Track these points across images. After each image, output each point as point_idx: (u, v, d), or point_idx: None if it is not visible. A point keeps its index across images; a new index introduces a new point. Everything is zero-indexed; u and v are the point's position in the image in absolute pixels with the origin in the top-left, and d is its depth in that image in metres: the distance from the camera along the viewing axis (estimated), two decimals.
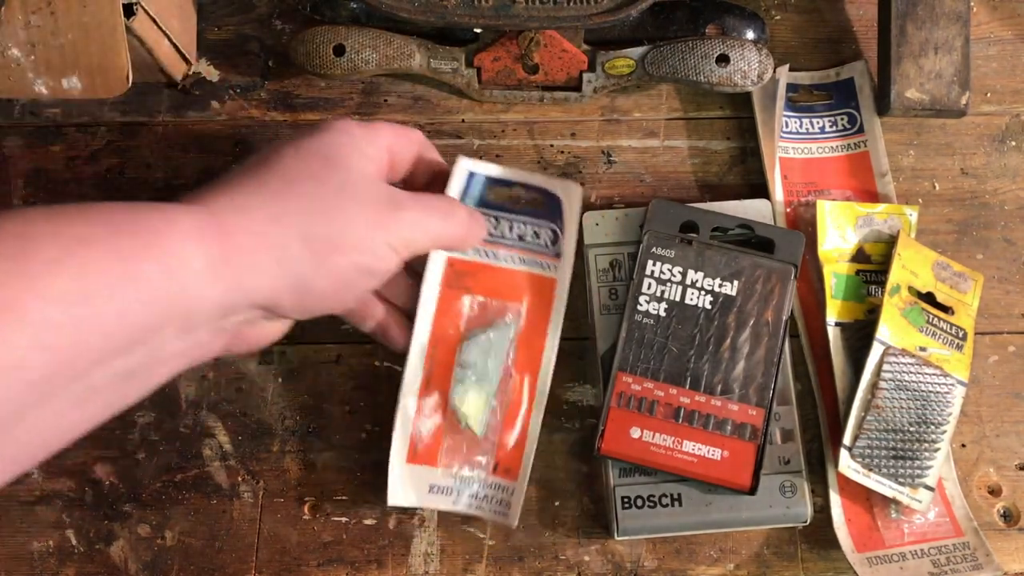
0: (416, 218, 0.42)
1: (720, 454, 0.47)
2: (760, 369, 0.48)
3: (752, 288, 0.49)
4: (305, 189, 0.39)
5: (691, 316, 0.48)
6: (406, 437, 0.47)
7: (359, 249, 0.40)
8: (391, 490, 0.46)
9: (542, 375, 0.48)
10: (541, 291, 0.48)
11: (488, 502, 0.46)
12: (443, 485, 0.46)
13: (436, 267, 0.48)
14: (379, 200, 0.41)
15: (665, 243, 0.50)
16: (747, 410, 0.47)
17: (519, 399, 0.47)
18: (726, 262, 0.49)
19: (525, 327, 0.48)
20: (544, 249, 0.49)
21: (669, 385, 0.47)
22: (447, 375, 0.47)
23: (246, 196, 0.39)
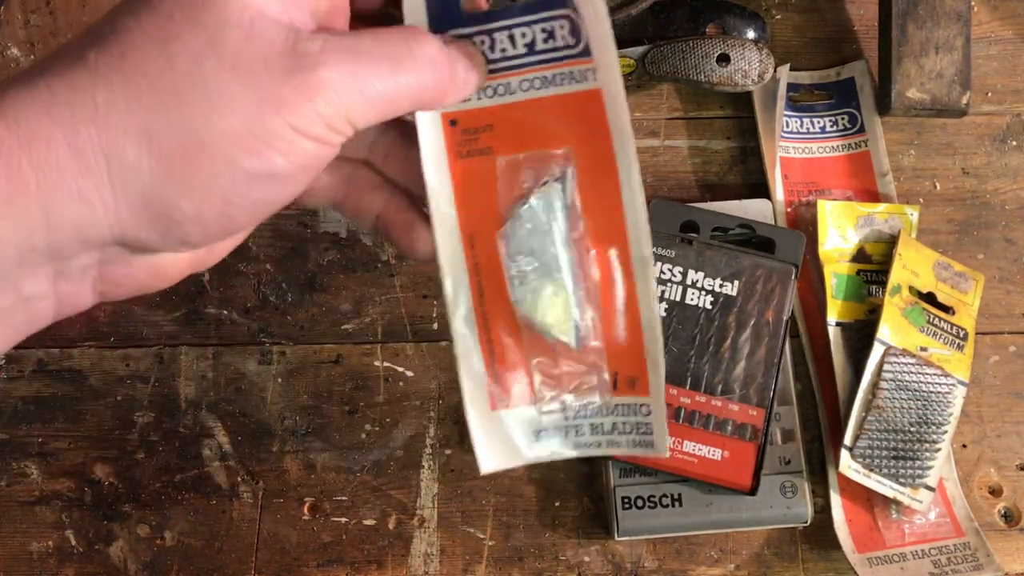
0: (342, 76, 0.27)
1: (720, 454, 0.47)
2: (761, 369, 0.48)
3: (753, 288, 0.49)
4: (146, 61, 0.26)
5: (691, 316, 0.48)
6: (477, 378, 0.33)
7: (242, 143, 0.26)
8: (480, 454, 0.34)
9: (632, 232, 0.32)
10: (586, 115, 0.32)
11: (620, 431, 0.34)
12: (551, 425, 0.34)
13: (429, 134, 0.32)
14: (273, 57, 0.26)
15: (665, 243, 0.49)
16: (747, 410, 0.47)
17: (610, 277, 0.33)
18: (726, 262, 0.49)
19: (583, 175, 0.33)
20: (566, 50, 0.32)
21: (670, 385, 0.47)
22: (502, 278, 0.33)
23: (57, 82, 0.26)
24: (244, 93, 0.26)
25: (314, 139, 0.27)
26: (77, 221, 0.26)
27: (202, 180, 0.26)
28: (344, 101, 0.27)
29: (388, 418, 0.51)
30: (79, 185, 0.26)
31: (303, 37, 0.27)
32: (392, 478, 0.50)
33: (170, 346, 0.52)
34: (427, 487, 0.50)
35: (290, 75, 0.26)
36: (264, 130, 0.26)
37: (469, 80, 0.31)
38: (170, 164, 0.26)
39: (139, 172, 0.26)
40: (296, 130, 0.27)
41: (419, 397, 0.51)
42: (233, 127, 0.26)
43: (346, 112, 0.27)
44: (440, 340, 0.52)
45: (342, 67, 0.27)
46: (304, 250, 0.53)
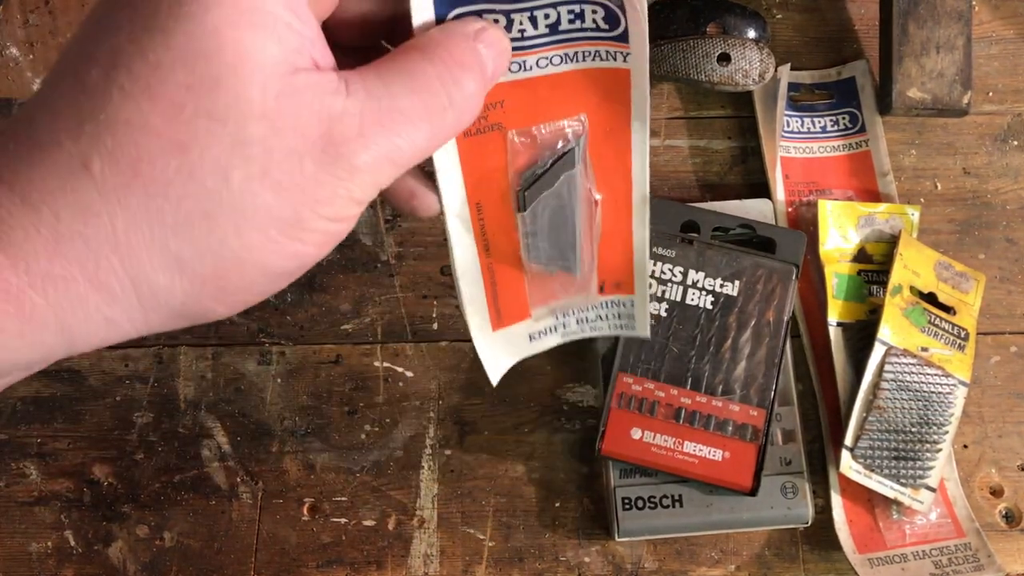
0: (380, 155, 0.25)
1: (721, 455, 0.46)
2: (761, 370, 0.47)
3: (753, 288, 0.49)
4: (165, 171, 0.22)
5: (692, 316, 0.48)
6: (481, 307, 0.35)
7: (277, 249, 0.24)
8: (489, 367, 0.37)
9: (636, 181, 0.34)
10: (608, 88, 0.32)
11: (603, 319, 0.37)
12: (543, 327, 0.37)
13: None
14: (307, 153, 0.23)
15: (666, 243, 0.49)
16: (748, 411, 0.47)
17: (612, 216, 0.35)
18: (727, 262, 0.49)
19: (594, 134, 0.33)
20: (598, 32, 0.31)
21: (670, 386, 0.47)
22: (509, 240, 0.35)
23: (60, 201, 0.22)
24: (278, 201, 0.23)
25: (344, 221, 0.25)
26: (102, 340, 0.24)
27: (238, 289, 0.25)
28: (379, 176, 0.25)
29: (388, 418, 0.51)
30: (104, 315, 0.23)
31: (336, 113, 0.24)
32: (392, 479, 0.50)
33: (169, 346, 0.52)
34: (427, 487, 0.50)
35: (328, 171, 0.24)
36: (300, 228, 0.24)
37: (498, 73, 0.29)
38: (204, 284, 0.24)
39: (172, 295, 0.24)
40: (330, 219, 0.25)
41: (419, 397, 0.51)
42: (272, 241, 0.24)
43: (377, 183, 0.25)
44: (440, 340, 0.52)
45: (380, 144, 0.24)
46: None
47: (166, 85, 0.22)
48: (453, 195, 0.33)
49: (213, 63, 0.22)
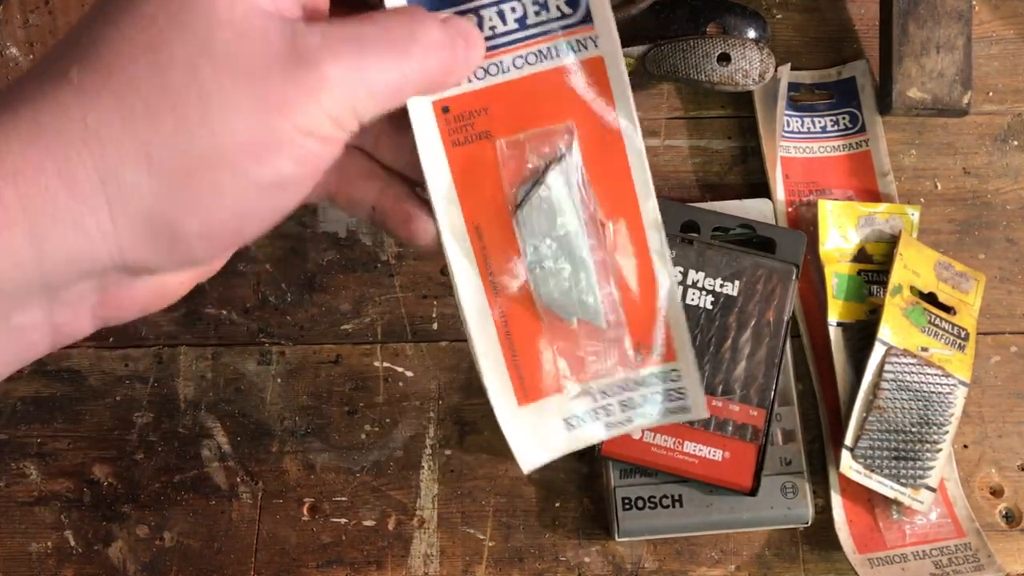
0: (347, 70, 0.25)
1: (721, 455, 0.46)
2: (761, 370, 0.47)
3: (753, 288, 0.49)
4: (136, 73, 0.24)
5: (692, 316, 0.48)
6: (500, 375, 0.32)
7: (248, 151, 0.24)
8: (519, 453, 0.33)
9: (641, 198, 0.32)
10: (587, 84, 0.31)
11: (651, 401, 0.33)
12: (583, 411, 0.33)
13: (422, 124, 0.31)
14: (272, 56, 0.24)
15: None
16: (748, 411, 0.47)
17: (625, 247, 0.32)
18: (727, 262, 0.49)
19: (587, 146, 0.32)
20: (562, 20, 0.31)
21: None
22: (515, 266, 0.32)
23: (45, 103, 0.24)
24: (246, 98, 0.24)
25: (321, 138, 0.25)
26: (72, 250, 0.24)
27: (209, 195, 0.24)
28: (350, 95, 0.25)
29: (388, 418, 0.51)
30: (73, 213, 0.23)
31: (301, 30, 0.25)
32: (392, 479, 0.50)
33: (169, 346, 0.52)
34: (427, 488, 0.50)
35: (292, 73, 0.24)
36: (271, 135, 0.24)
37: (470, 59, 0.29)
38: (173, 182, 0.24)
39: (140, 194, 0.24)
40: (303, 131, 0.25)
41: (419, 397, 0.51)
42: (237, 135, 0.24)
43: (352, 106, 0.25)
44: (440, 340, 0.52)
45: (346, 60, 0.25)
46: (303, 250, 0.53)
47: (141, 5, 0.24)
48: (449, 214, 0.31)
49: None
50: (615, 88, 0.31)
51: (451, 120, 0.31)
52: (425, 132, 0.31)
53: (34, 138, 0.23)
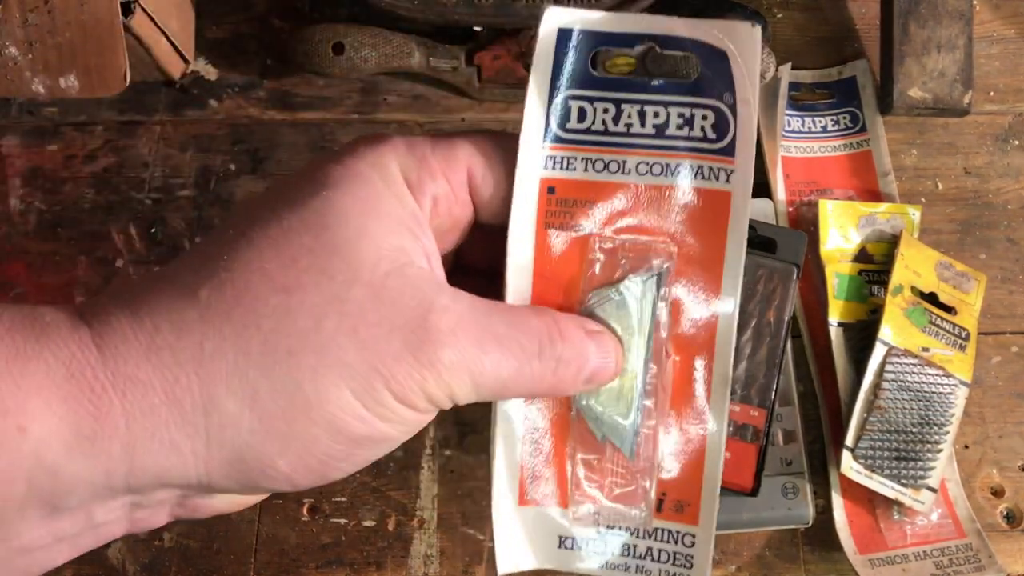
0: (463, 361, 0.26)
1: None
2: (762, 370, 0.47)
3: (754, 288, 0.48)
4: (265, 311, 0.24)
5: None
6: (513, 466, 0.31)
7: (345, 411, 0.25)
8: (501, 552, 0.31)
9: (720, 352, 0.30)
10: (705, 215, 0.29)
11: (655, 558, 0.31)
12: (580, 535, 0.31)
13: (522, 197, 0.29)
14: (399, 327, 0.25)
15: None
16: (749, 411, 0.47)
17: (685, 393, 0.30)
18: None
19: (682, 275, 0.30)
20: (703, 144, 0.29)
21: None
22: None
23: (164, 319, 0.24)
24: (359, 360, 0.24)
25: (414, 409, 0.26)
26: (162, 468, 0.24)
27: (303, 442, 0.25)
28: (452, 383, 0.26)
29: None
30: (171, 434, 0.24)
31: (436, 305, 0.25)
32: (392, 479, 0.50)
33: None
34: (427, 488, 0.50)
35: (410, 350, 0.25)
36: (371, 400, 0.25)
37: (593, 383, 0.29)
38: (272, 424, 0.24)
39: (238, 428, 0.24)
40: (405, 404, 0.25)
41: None
42: (342, 394, 0.24)
43: (451, 392, 0.26)
44: None
45: (467, 351, 0.26)
46: None
47: (289, 242, 0.24)
48: (518, 288, 0.30)
49: (336, 234, 0.24)
50: (732, 229, 0.29)
51: (553, 202, 0.30)
52: (523, 204, 0.29)
53: (148, 353, 0.24)
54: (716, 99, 0.29)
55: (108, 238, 0.53)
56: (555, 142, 0.30)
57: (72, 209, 0.54)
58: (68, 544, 0.26)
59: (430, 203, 0.27)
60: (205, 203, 0.54)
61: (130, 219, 0.54)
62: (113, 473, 0.24)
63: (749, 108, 0.29)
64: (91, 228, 0.53)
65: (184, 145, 0.55)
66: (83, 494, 0.24)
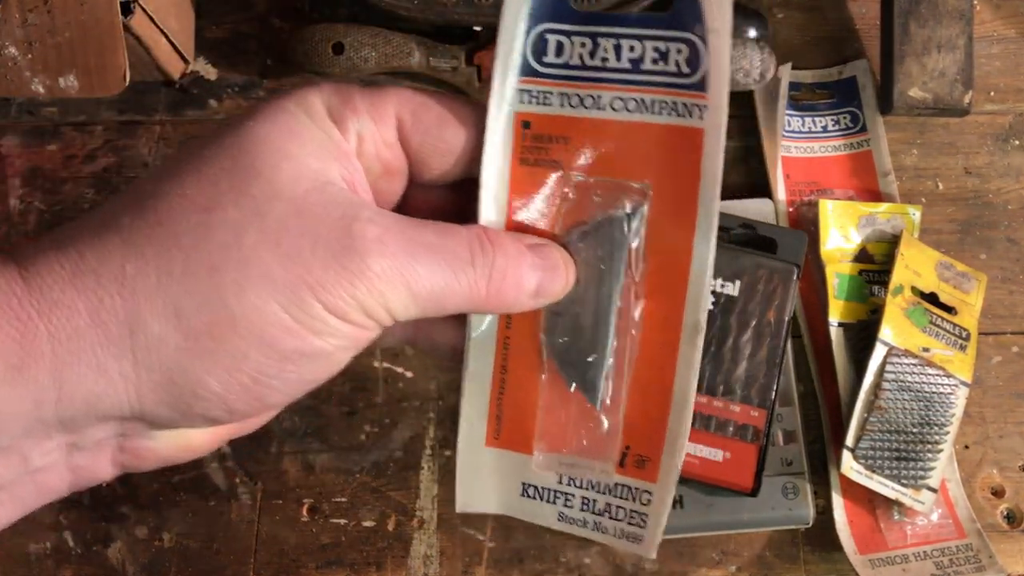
0: (391, 268, 0.25)
1: (722, 455, 0.46)
2: (762, 370, 0.47)
3: (754, 288, 0.48)
4: (185, 229, 0.24)
5: None
6: (482, 407, 0.30)
7: (276, 323, 0.24)
8: (462, 490, 0.31)
9: (691, 298, 0.29)
10: (678, 154, 0.29)
11: (612, 515, 0.30)
12: (542, 483, 0.31)
13: (496, 131, 0.29)
14: (322, 237, 0.25)
15: None
16: (749, 411, 0.47)
17: (654, 340, 0.30)
18: (728, 262, 0.49)
19: (655, 218, 0.29)
20: (677, 79, 0.29)
21: None
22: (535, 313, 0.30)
23: (88, 247, 0.24)
24: (283, 272, 0.24)
25: (349, 322, 0.25)
26: (92, 393, 0.24)
27: (231, 359, 0.25)
28: (387, 292, 0.25)
29: (387, 419, 0.51)
30: (97, 357, 0.24)
31: (362, 217, 0.25)
32: (391, 479, 0.50)
33: None
34: (426, 488, 0.50)
35: (335, 258, 0.25)
36: (300, 311, 0.25)
37: (541, 296, 0.29)
38: (198, 341, 0.24)
39: (165, 347, 0.24)
40: (337, 315, 0.25)
41: (418, 398, 0.51)
42: (268, 308, 0.24)
43: (386, 303, 0.26)
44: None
45: (395, 258, 0.25)
46: None
47: (210, 167, 0.25)
48: (491, 221, 0.29)
49: (256, 158, 0.25)
50: (705, 168, 0.29)
51: (528, 137, 0.29)
52: (497, 139, 0.29)
53: (73, 278, 0.24)
54: (689, 31, 0.28)
55: None
56: (531, 75, 0.29)
57: (72, 209, 0.54)
58: (7, 496, 0.26)
59: (355, 138, 0.27)
60: None
61: None
62: (42, 403, 0.24)
63: (720, 38, 0.28)
64: None
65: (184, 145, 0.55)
66: (14, 429, 0.24)
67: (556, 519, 0.31)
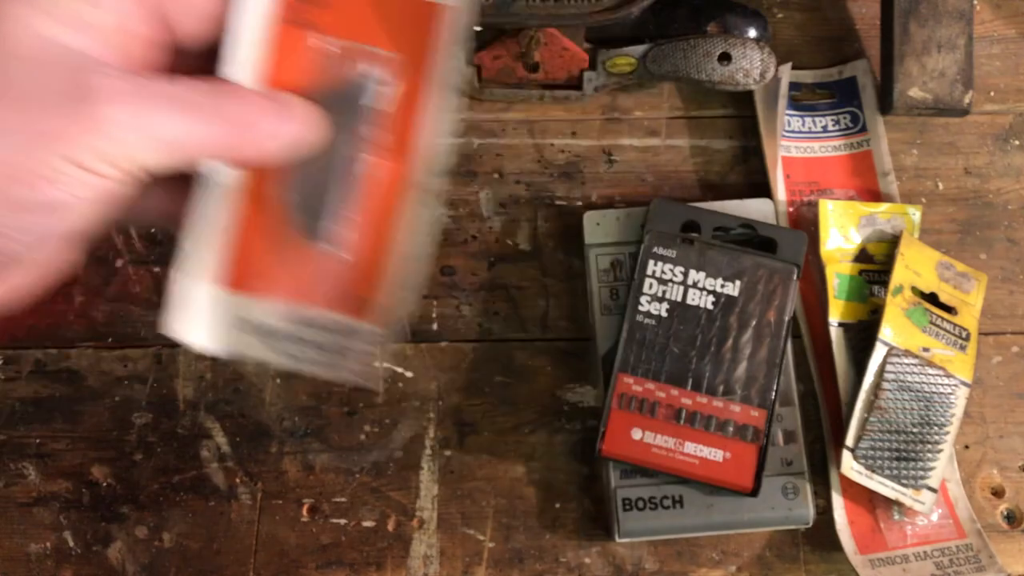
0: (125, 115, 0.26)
1: (722, 455, 0.46)
2: (762, 370, 0.47)
3: (754, 288, 0.48)
4: None
5: (693, 316, 0.48)
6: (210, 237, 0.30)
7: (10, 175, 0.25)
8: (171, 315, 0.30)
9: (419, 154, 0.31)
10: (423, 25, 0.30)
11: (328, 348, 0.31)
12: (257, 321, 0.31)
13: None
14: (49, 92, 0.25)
15: (666, 243, 0.49)
16: (749, 411, 0.47)
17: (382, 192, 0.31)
18: (728, 262, 0.49)
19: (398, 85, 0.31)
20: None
21: (671, 386, 0.47)
22: None
23: None
24: (18, 123, 0.25)
25: (97, 174, 0.26)
26: None
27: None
28: (128, 140, 0.26)
29: (387, 419, 0.51)
30: None
31: (91, 68, 0.26)
32: (391, 479, 0.50)
33: (168, 347, 0.51)
34: (426, 488, 0.50)
35: (67, 107, 0.25)
36: (36, 160, 0.25)
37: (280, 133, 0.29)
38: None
39: None
40: (72, 163, 0.25)
41: (418, 398, 0.51)
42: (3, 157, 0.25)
43: (130, 153, 0.26)
44: (439, 341, 0.52)
45: (127, 105, 0.26)
46: None
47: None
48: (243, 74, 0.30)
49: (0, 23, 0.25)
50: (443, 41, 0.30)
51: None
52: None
53: None
54: None
55: (108, 238, 0.53)
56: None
57: None
58: None
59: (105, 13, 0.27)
60: None
61: None
62: None
63: None
64: None
65: None
66: None
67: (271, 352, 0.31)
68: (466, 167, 0.55)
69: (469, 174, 0.55)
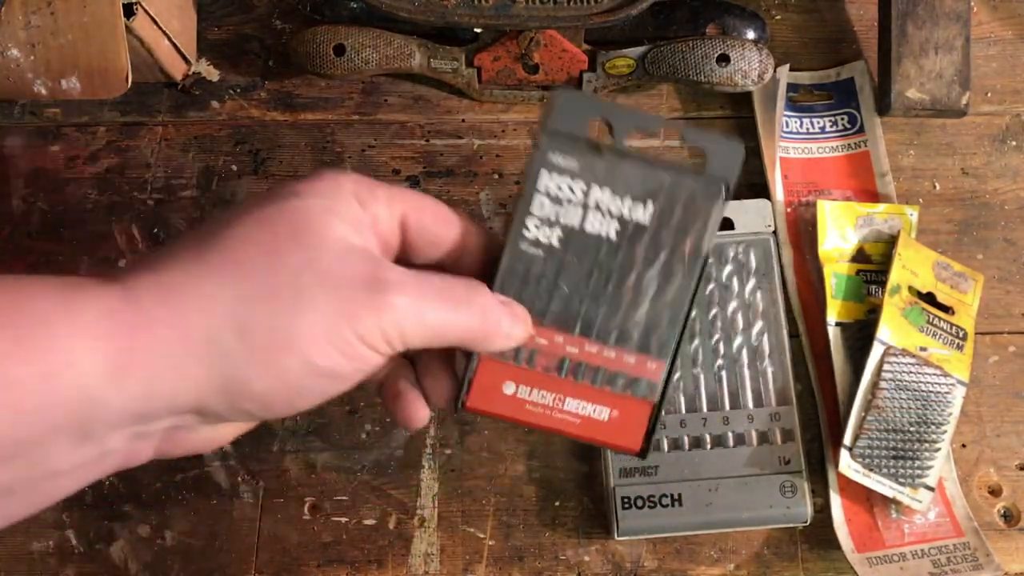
0: (408, 302, 0.32)
1: (608, 414, 0.38)
2: (666, 314, 0.38)
3: (670, 212, 0.37)
4: (254, 266, 0.31)
5: (591, 246, 0.37)
6: None
7: (316, 345, 0.31)
8: None
9: None
10: None
11: None
12: None
13: None
14: (355, 281, 0.32)
15: (567, 149, 0.37)
16: (645, 362, 0.38)
17: None
18: (642, 178, 0.37)
19: None
20: None
21: (554, 331, 0.37)
22: None
23: (177, 273, 0.31)
24: (329, 303, 0.31)
25: (371, 347, 0.32)
26: (170, 392, 0.30)
27: (277, 369, 0.31)
28: (403, 322, 0.32)
29: (388, 418, 0.51)
30: (181, 362, 0.30)
31: (384, 265, 0.33)
32: (392, 478, 0.50)
33: None
34: (427, 487, 0.50)
35: (368, 294, 0.32)
36: (337, 336, 0.31)
37: (512, 335, 0.36)
38: (254, 352, 0.31)
39: (229, 356, 0.30)
40: (360, 338, 0.31)
41: None
42: (315, 330, 0.31)
43: (401, 331, 0.32)
44: None
45: (410, 295, 0.32)
46: None
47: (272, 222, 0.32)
48: None
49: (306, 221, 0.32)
50: None
51: None
52: None
53: (166, 298, 0.30)
54: None
55: (110, 239, 0.53)
56: None
57: (75, 210, 0.54)
58: (82, 471, 0.31)
59: (371, 218, 0.34)
60: (207, 204, 0.54)
61: (132, 220, 0.54)
62: (135, 399, 0.30)
63: None
64: (94, 229, 0.54)
65: (186, 146, 0.56)
66: (111, 420, 0.30)
67: None
68: (466, 168, 0.55)
69: (469, 174, 0.55)
